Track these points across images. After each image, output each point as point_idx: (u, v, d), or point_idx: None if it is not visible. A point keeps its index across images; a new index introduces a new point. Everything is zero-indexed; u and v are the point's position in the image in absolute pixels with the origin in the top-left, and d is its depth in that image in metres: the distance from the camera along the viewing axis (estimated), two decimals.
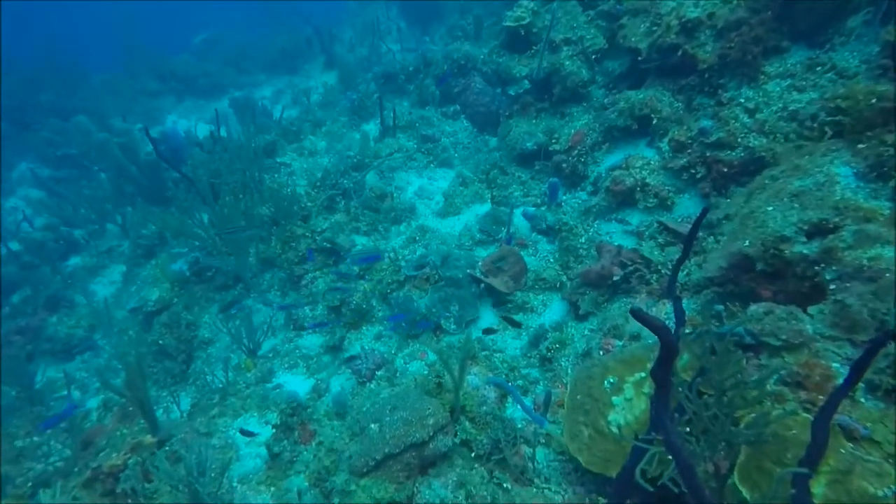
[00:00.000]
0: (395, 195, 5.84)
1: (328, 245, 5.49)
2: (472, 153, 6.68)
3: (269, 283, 5.84)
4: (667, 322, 3.07)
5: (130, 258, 7.01)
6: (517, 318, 4.41)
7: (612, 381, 2.67)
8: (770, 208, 2.51)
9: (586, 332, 3.88)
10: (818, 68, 3.48)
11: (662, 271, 3.56)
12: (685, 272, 3.41)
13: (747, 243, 2.51)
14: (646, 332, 3.14)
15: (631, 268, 3.70)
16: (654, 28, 4.36)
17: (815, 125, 3.07)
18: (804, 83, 3.50)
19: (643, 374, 2.60)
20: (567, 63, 5.26)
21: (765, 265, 2.47)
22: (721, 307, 2.55)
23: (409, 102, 8.08)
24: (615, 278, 3.76)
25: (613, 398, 2.58)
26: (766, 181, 2.96)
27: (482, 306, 4.57)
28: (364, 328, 4.85)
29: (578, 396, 2.72)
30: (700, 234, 3.66)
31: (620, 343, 3.18)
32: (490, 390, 3.39)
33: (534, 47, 5.55)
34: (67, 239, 8.08)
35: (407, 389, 3.37)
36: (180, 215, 6.00)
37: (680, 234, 3.70)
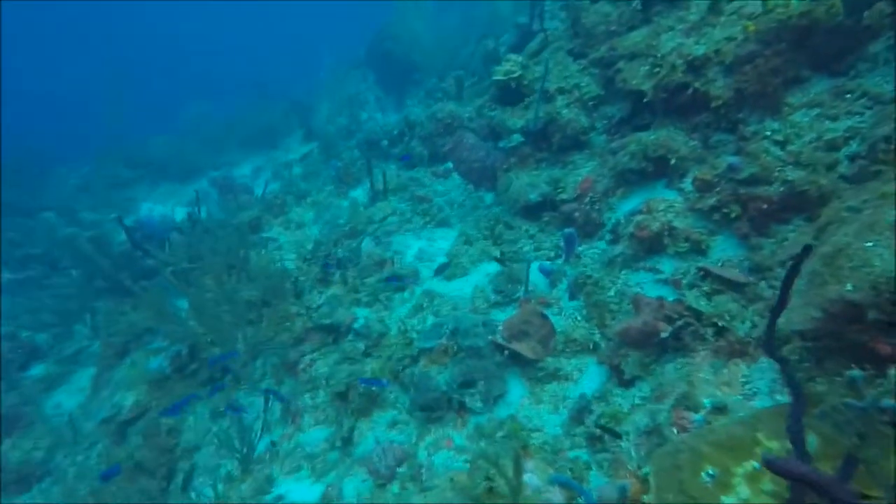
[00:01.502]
0: (395, 260, 5.42)
1: (326, 322, 4.97)
2: (469, 210, 6.37)
3: (261, 372, 5.23)
4: (753, 391, 2.65)
5: (102, 360, 6.28)
6: (551, 388, 3.89)
7: (711, 472, 2.15)
8: (869, 244, 2.15)
9: (637, 400, 3.37)
10: (847, 95, 3.29)
11: (719, 324, 3.13)
12: (746, 325, 3.00)
13: (850, 287, 2.12)
14: (733, 401, 2.68)
15: (680, 322, 3.27)
16: (657, 69, 4.22)
17: (893, 147, 2.80)
18: (835, 111, 3.28)
19: (756, 465, 2.10)
20: (564, 111, 5.09)
21: (880, 314, 2.06)
22: (859, 373, 2.09)
23: (396, 166, 7.86)
24: (663, 335, 3.31)
25: (722, 498, 2.06)
26: (844, 213, 2.63)
27: (509, 377, 4.05)
28: (375, 415, 4.25)
29: (669, 496, 2.18)
30: (744, 279, 3.29)
31: (699, 417, 2.67)
32: (555, 493, 2.81)
33: (526, 99, 5.40)
34: (29, 346, 7.28)
35: (443, 494, 2.78)
36: (157, 305, 5.43)
37: (728, 281, 3.30)
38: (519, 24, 7.67)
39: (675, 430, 2.71)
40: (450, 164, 7.29)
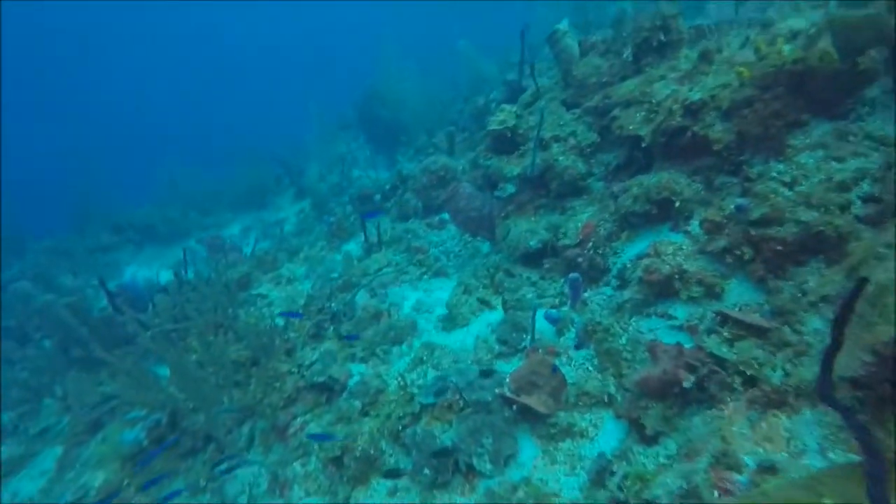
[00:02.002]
0: (391, 313, 5.19)
1: (320, 380, 4.65)
2: (467, 260, 6.24)
3: (247, 438, 4.81)
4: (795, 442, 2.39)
5: (70, 437, 5.73)
6: (566, 446, 3.59)
7: None
8: None
9: (662, 459, 3.09)
10: (851, 138, 3.30)
11: (747, 373, 2.91)
12: (778, 373, 2.79)
13: None
14: (780, 459, 2.40)
15: (704, 370, 3.05)
16: (653, 115, 4.27)
17: None
18: (841, 152, 3.28)
19: None
20: (561, 158, 5.10)
21: None
22: None
23: (390, 219, 7.79)
24: (685, 385, 3.09)
25: None
26: (881, 250, 2.53)
27: (519, 434, 3.74)
28: (373, 481, 3.87)
29: None
30: (767, 324, 3.11)
31: (743, 478, 2.39)
32: None
33: (521, 147, 5.43)
34: None
35: None
36: (134, 372, 5.04)
37: (750, 326, 3.13)
38: (508, 81, 7.93)
39: (716, 494, 2.42)
40: (445, 216, 7.24)
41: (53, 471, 5.40)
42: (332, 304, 5.43)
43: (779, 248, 3.25)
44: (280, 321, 5.50)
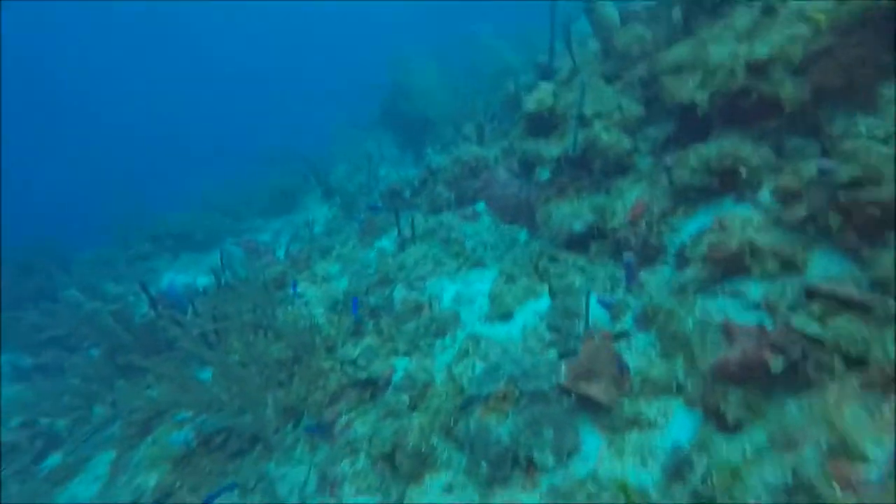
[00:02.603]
0: (432, 305, 5.00)
1: (363, 376, 4.50)
2: (504, 250, 6.00)
3: (293, 438, 4.70)
4: None
5: (122, 441, 5.75)
6: (633, 437, 3.32)
7: None
8: None
9: (748, 449, 2.79)
10: None
11: (851, 353, 2.57)
12: (891, 351, 2.46)
13: None
14: None
15: (797, 351, 2.74)
16: (709, 78, 3.95)
17: None
18: None
19: None
20: (604, 135, 4.82)
21: None
22: None
23: (421, 213, 7.61)
24: (774, 368, 2.78)
25: None
26: None
27: (580, 426, 3.50)
28: (427, 478, 3.68)
29: None
30: (867, 298, 2.75)
31: (876, 474, 2.07)
32: None
33: (560, 127, 5.18)
34: (48, 433, 6.77)
35: None
36: (179, 376, 4.98)
37: (844, 300, 2.79)
38: (538, 64, 7.64)
39: (837, 490, 2.11)
40: (478, 206, 7.03)
41: (107, 475, 5.41)
42: (371, 300, 5.27)
43: (877, 212, 2.90)
44: (320, 319, 5.38)
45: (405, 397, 4.08)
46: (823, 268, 3.22)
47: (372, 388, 4.55)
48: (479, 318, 4.84)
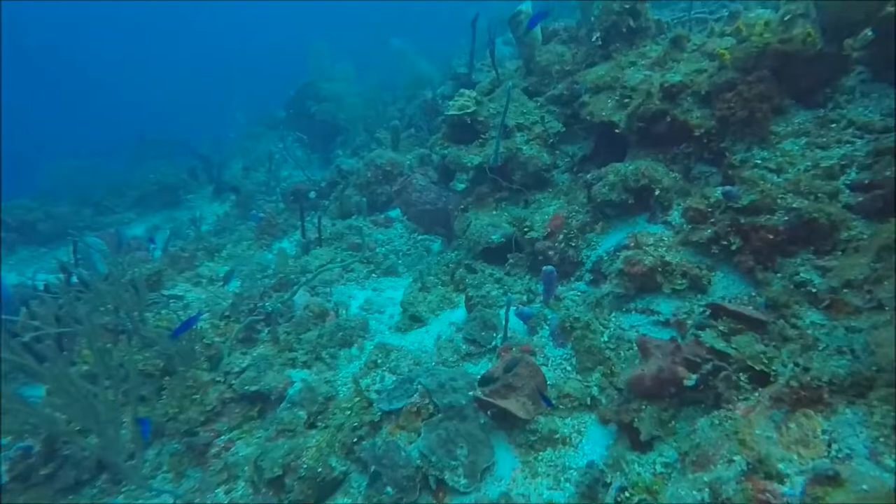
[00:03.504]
0: (338, 311, 4.55)
1: (251, 389, 3.91)
2: (417, 259, 5.75)
3: (155, 463, 3.93)
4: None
5: None
6: (547, 455, 3.17)
7: None
8: None
9: (659, 467, 2.75)
10: (832, 125, 3.26)
11: (756, 368, 2.63)
12: (790, 368, 2.54)
13: None
14: (822, 466, 1.99)
15: (708, 367, 2.77)
16: (627, 100, 4.08)
17: None
18: (824, 140, 3.22)
19: None
20: (525, 148, 4.81)
21: None
22: None
23: (329, 216, 7.12)
24: (687, 383, 2.78)
25: None
26: None
27: (494, 442, 3.28)
28: None
29: None
30: (765, 317, 2.88)
31: (790, 490, 2.03)
32: None
33: (482, 136, 5.08)
34: None
35: None
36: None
37: (747, 319, 2.90)
38: (457, 75, 7.64)
39: None
40: (392, 213, 6.73)
41: None
42: (267, 304, 4.68)
43: (770, 236, 3.09)
44: (203, 325, 4.65)
45: (302, 413, 3.58)
46: (724, 287, 3.38)
47: (261, 403, 3.97)
48: (390, 327, 4.49)
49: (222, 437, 3.87)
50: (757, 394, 2.53)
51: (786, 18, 3.43)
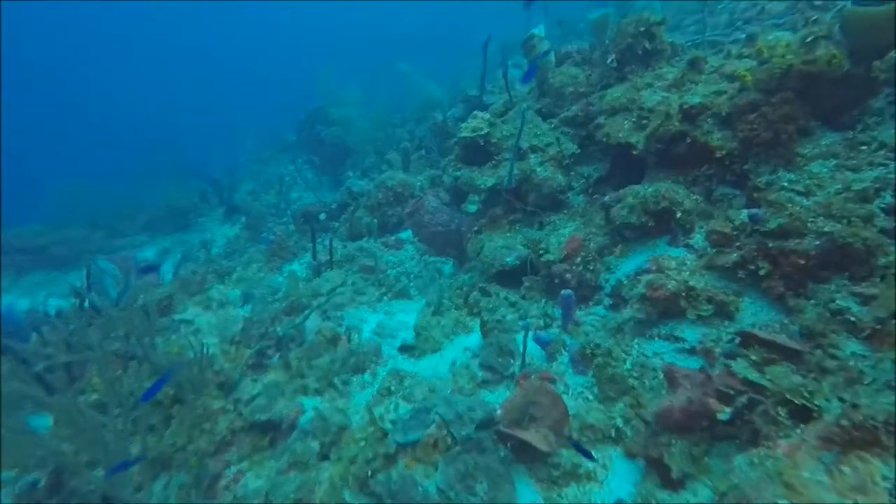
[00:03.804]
0: (350, 337, 4.45)
1: (262, 418, 3.80)
2: (429, 280, 5.66)
3: (162, 496, 3.81)
4: None
5: None
6: (571, 492, 3.02)
7: None
8: None
9: None
10: (863, 147, 3.17)
11: (797, 402, 2.46)
12: (834, 403, 2.38)
13: None
14: None
15: (743, 400, 2.63)
16: (644, 121, 4.03)
17: None
18: (855, 162, 3.13)
19: None
20: (539, 169, 4.75)
21: None
22: None
23: (339, 238, 7.07)
24: (720, 416, 2.65)
25: None
26: None
27: (515, 477, 3.14)
28: None
29: None
30: (800, 346, 2.73)
31: None
32: None
33: (495, 158, 5.04)
34: None
35: None
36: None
37: (780, 348, 2.77)
38: (469, 97, 7.65)
39: None
40: (403, 234, 6.68)
41: None
42: (278, 329, 4.60)
43: (801, 261, 2.97)
44: (213, 350, 4.56)
45: (314, 444, 3.46)
46: (753, 314, 3.25)
47: (273, 432, 3.85)
48: (403, 352, 4.38)
49: (231, 468, 3.76)
50: (799, 431, 2.38)
51: (808, 40, 3.39)
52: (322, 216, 7.89)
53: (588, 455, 2.97)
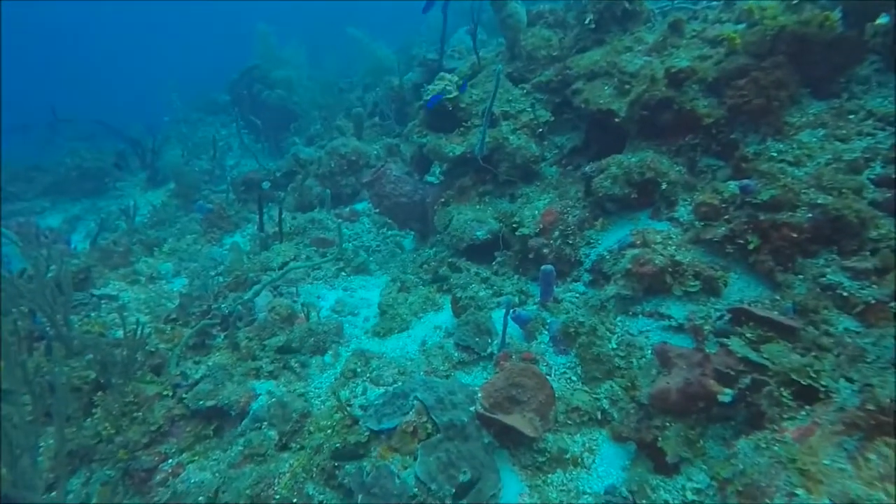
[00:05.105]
0: (308, 314, 4.02)
1: (207, 404, 3.33)
2: (388, 256, 5.29)
3: (81, 494, 3.26)
4: None
5: None
6: (557, 478, 2.84)
7: None
8: None
9: (690, 495, 2.47)
10: (851, 116, 3.13)
11: (803, 382, 2.34)
12: (842, 383, 2.29)
13: None
14: None
15: (747, 381, 2.51)
16: (627, 87, 3.84)
17: None
18: (843, 132, 3.09)
19: None
20: (512, 138, 4.47)
21: None
22: None
23: (287, 208, 6.49)
24: (722, 398, 2.52)
25: None
26: None
27: (498, 463, 2.91)
28: None
29: None
30: (796, 323, 2.64)
31: None
32: None
33: (464, 124, 4.69)
34: None
35: None
36: None
37: (777, 325, 2.68)
38: (426, 61, 7.20)
39: None
40: (358, 206, 6.22)
41: None
42: (223, 306, 4.08)
43: (793, 235, 2.91)
44: (146, 328, 3.96)
45: (272, 433, 3.06)
46: (740, 290, 3.18)
47: (218, 420, 3.39)
48: (367, 332, 4.02)
49: (170, 461, 3.27)
50: (804, 413, 2.29)
51: (793, 2, 3.29)
52: (266, 185, 7.23)
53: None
